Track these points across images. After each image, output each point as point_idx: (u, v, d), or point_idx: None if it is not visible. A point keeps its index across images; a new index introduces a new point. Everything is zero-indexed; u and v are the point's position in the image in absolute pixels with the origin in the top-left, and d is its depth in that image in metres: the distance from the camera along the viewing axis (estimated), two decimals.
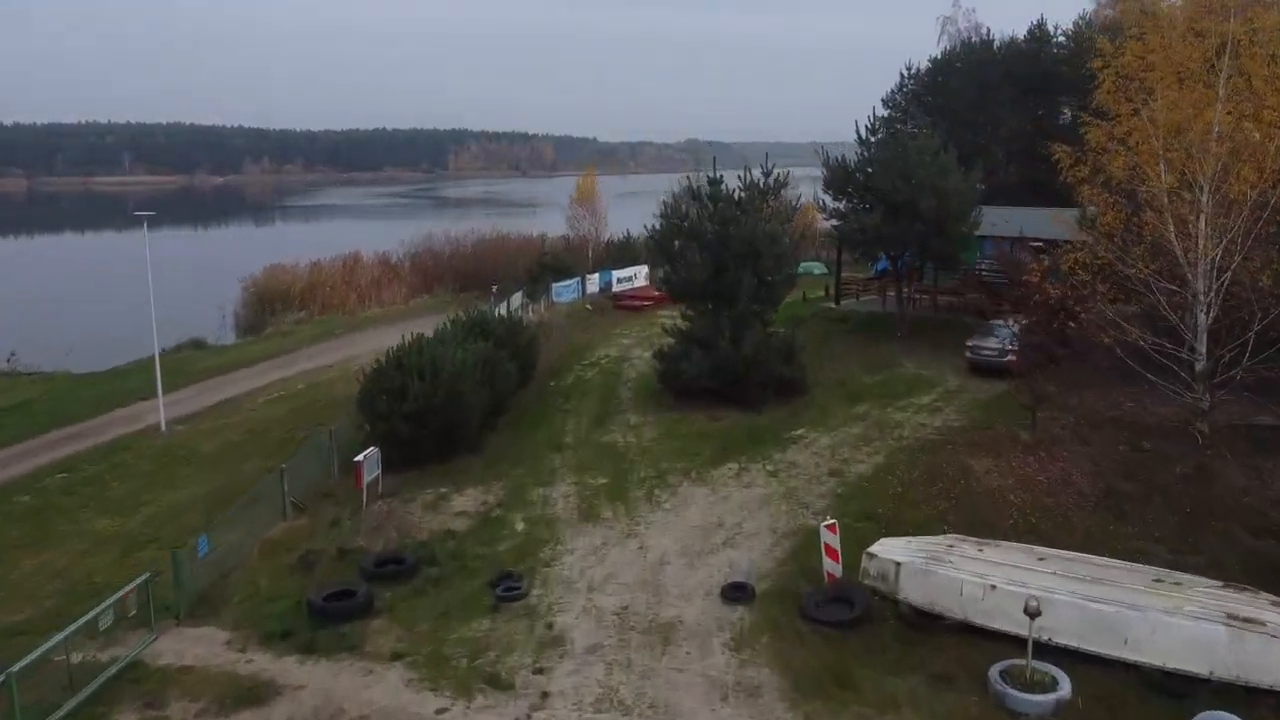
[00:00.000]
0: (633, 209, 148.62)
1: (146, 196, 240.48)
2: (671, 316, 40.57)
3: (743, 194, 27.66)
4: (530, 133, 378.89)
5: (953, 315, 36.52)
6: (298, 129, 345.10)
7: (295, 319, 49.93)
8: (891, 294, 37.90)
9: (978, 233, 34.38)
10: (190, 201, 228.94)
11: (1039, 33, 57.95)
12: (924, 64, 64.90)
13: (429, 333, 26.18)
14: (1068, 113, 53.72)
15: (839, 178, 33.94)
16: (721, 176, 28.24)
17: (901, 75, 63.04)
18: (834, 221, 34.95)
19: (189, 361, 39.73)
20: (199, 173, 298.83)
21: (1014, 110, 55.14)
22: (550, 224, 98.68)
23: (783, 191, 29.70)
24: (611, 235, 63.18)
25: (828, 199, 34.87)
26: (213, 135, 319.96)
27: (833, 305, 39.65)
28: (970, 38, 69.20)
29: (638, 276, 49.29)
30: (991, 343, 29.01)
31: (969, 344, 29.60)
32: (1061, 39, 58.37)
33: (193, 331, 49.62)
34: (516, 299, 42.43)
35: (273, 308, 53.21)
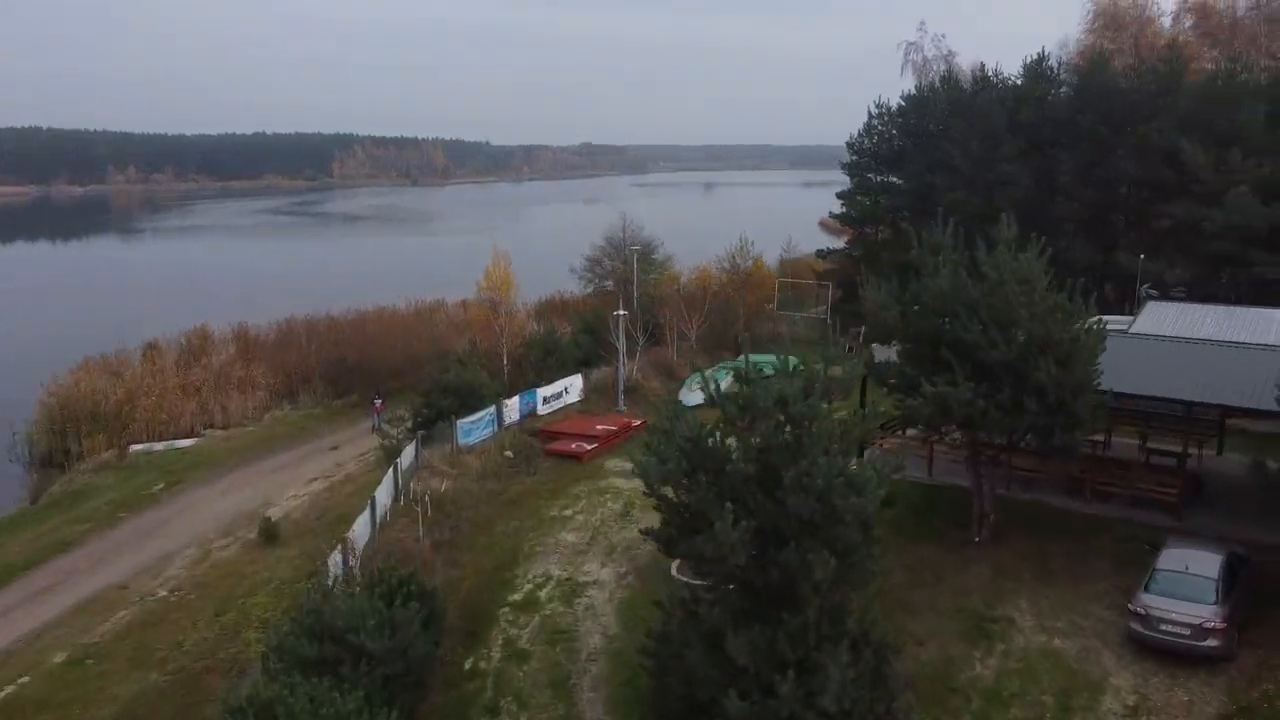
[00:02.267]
0: (540, 232, 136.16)
1: None
2: (628, 477, 29.38)
3: (795, 404, 16.05)
4: (420, 137, 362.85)
5: (1041, 496, 25.87)
6: (168, 133, 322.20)
7: (98, 463, 36.32)
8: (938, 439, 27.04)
9: None
10: (45, 216, 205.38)
11: (1039, 71, 48.32)
12: (891, 99, 55.08)
13: (284, 490, 14.16)
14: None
15: (887, 322, 22.88)
16: (758, 370, 16.60)
17: (869, 114, 53.08)
18: (889, 381, 23.64)
19: None
20: (57, 182, 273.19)
21: (1022, 167, 45.30)
22: (450, 260, 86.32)
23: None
24: (526, 311, 51.24)
25: (876, 350, 23.95)
26: (73, 140, 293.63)
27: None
28: (947, 70, 59.65)
29: (569, 391, 37.47)
30: (1180, 611, 18.15)
31: (1137, 609, 18.64)
32: (1065, 76, 49.10)
33: None
34: (409, 454, 30.14)
35: (77, 432, 39.46)
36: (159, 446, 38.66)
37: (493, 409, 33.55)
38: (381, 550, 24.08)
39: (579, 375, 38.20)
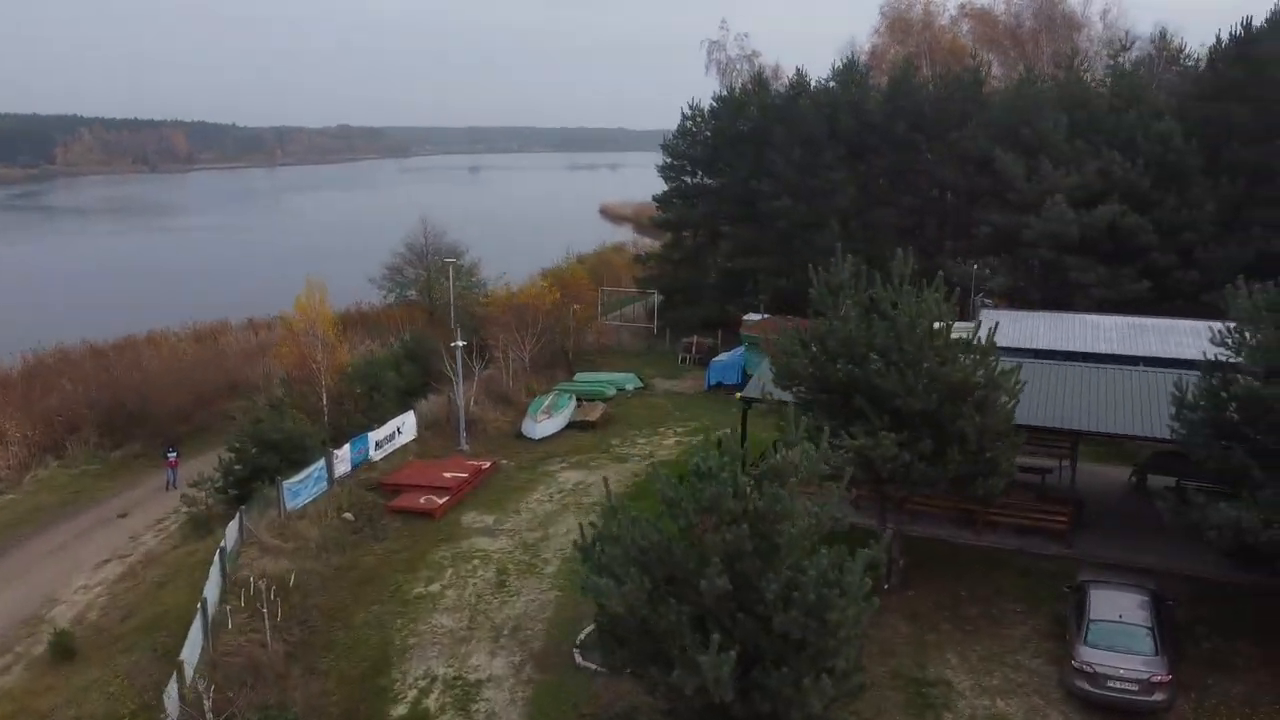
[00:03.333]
0: (312, 225, 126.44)
1: None
2: (492, 535, 26.29)
3: (754, 497, 13.99)
4: (158, 119, 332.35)
5: (930, 528, 25.30)
6: None
7: None
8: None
9: None
10: None
11: (850, 76, 48.79)
12: (697, 97, 54.35)
13: (69, 580, 13.05)
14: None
15: (795, 369, 21.34)
16: (707, 464, 14.17)
17: (683, 114, 51.98)
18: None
19: None
20: None
21: (846, 175, 45.49)
22: (215, 263, 78.43)
23: None
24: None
25: (775, 390, 22.31)
26: None
27: None
28: (754, 70, 59.51)
29: (403, 431, 33.78)
30: (1126, 666, 17.68)
31: (1080, 665, 18.03)
32: (872, 79, 49.88)
33: None
34: (232, 532, 25.65)
35: None
36: None
37: (321, 462, 29.42)
38: (221, 666, 19.99)
39: (411, 412, 34.54)
